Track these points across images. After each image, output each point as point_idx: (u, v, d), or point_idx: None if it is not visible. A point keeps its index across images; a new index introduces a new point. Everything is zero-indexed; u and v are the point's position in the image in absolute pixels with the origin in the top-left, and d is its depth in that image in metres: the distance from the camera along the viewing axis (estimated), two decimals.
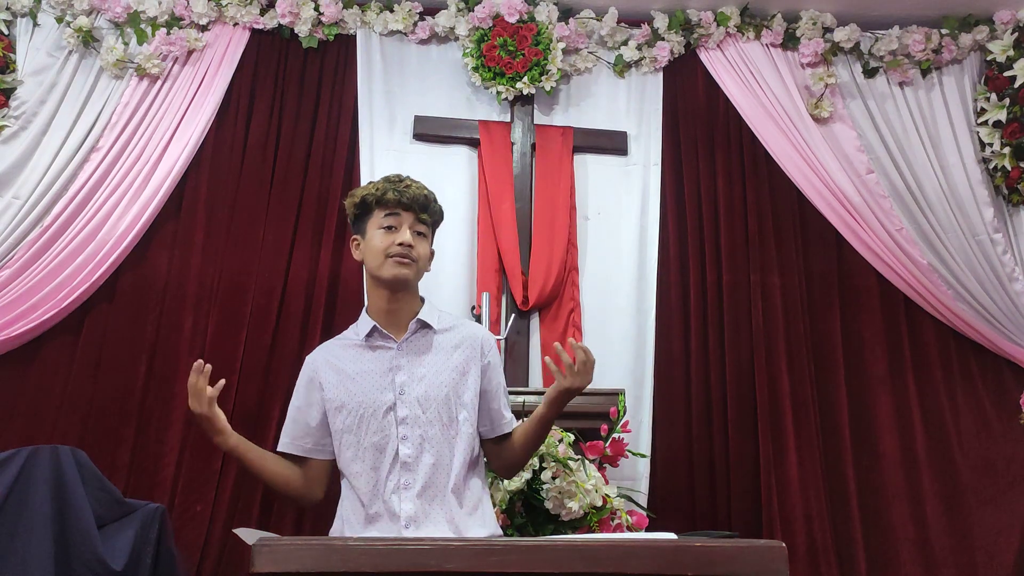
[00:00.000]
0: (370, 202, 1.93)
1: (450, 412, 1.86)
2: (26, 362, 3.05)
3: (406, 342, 1.91)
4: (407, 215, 1.91)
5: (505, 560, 0.93)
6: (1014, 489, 3.24)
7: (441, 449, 1.83)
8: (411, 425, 1.83)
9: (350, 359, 1.93)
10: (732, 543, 0.98)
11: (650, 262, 3.30)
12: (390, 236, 1.89)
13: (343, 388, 1.90)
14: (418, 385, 1.86)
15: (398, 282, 1.90)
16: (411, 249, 1.89)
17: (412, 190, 1.93)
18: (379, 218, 1.91)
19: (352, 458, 1.88)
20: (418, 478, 1.81)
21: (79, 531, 2.25)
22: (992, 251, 3.34)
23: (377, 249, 1.89)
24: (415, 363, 1.89)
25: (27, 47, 3.25)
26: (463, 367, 1.91)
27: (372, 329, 1.92)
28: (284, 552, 0.93)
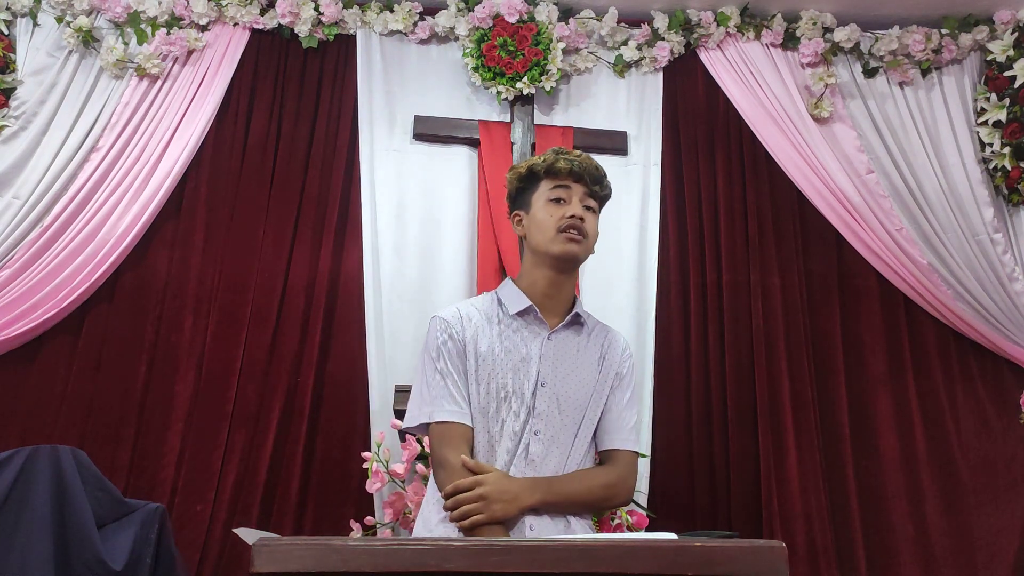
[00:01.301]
0: (539, 171, 1.80)
1: (582, 418, 1.74)
2: (26, 362, 3.06)
3: (556, 332, 1.77)
4: (578, 187, 1.78)
5: (505, 560, 0.93)
6: (1014, 489, 3.24)
7: (564, 455, 1.71)
8: (545, 421, 1.70)
9: (496, 329, 1.76)
10: (732, 543, 0.98)
11: (650, 262, 3.30)
12: (560, 208, 1.76)
13: (490, 360, 1.72)
14: (562, 382, 1.73)
15: (567, 259, 1.76)
16: (582, 222, 1.75)
17: (584, 161, 1.79)
18: (547, 190, 1.78)
19: (484, 441, 1.70)
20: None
21: (79, 531, 2.25)
22: (992, 251, 3.34)
23: (546, 223, 1.75)
24: (563, 357, 1.75)
25: (27, 47, 3.26)
26: (605, 375, 1.79)
27: (528, 308, 1.76)
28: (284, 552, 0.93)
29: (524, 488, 1.62)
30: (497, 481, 1.62)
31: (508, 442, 1.69)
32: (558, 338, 1.77)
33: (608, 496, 1.75)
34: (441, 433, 1.69)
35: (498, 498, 1.59)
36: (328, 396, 3.14)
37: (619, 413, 1.79)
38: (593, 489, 1.71)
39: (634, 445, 1.80)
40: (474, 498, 1.59)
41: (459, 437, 1.68)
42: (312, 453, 3.09)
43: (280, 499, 3.02)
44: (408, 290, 3.21)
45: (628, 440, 1.79)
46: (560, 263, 1.77)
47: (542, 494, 1.63)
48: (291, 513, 3.01)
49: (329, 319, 3.20)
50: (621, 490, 1.76)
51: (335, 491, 3.04)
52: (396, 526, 2.63)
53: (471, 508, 1.59)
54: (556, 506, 1.67)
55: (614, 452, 1.78)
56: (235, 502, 3.00)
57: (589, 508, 1.76)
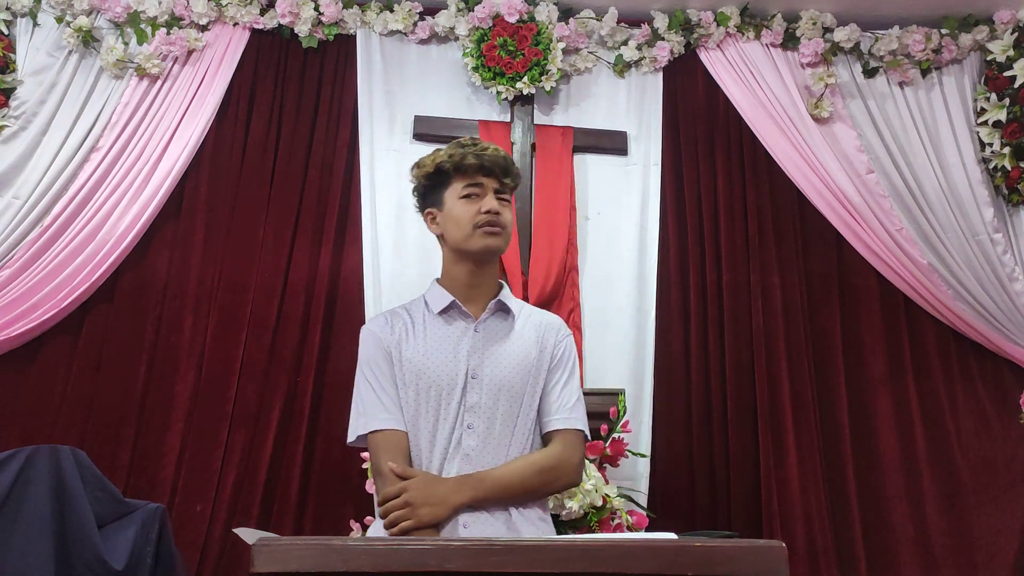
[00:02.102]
0: (447, 169, 1.78)
1: (520, 405, 1.72)
2: (26, 362, 3.06)
3: (483, 323, 1.77)
4: (489, 181, 1.77)
5: (505, 560, 0.93)
6: (1014, 489, 3.24)
7: (503, 445, 1.69)
8: (479, 414, 1.69)
9: (421, 331, 1.76)
10: (732, 543, 0.98)
11: (650, 262, 3.30)
12: (474, 204, 1.75)
13: (415, 362, 1.72)
14: (494, 372, 1.71)
15: (488, 253, 1.77)
16: (498, 216, 1.75)
17: (491, 153, 1.78)
18: (459, 187, 1.77)
19: (420, 443, 1.69)
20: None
21: (79, 531, 2.25)
22: (992, 251, 3.34)
23: (462, 220, 1.75)
24: (493, 347, 1.74)
25: (27, 47, 3.25)
26: (541, 358, 1.77)
27: (451, 304, 1.77)
28: (284, 552, 0.93)
29: (451, 488, 1.61)
30: (422, 485, 1.61)
31: (442, 441, 1.68)
32: (485, 328, 1.77)
33: (547, 480, 1.71)
34: (375, 442, 1.70)
35: (424, 502, 1.59)
36: (328, 396, 3.14)
37: (557, 394, 1.77)
38: (527, 477, 1.68)
39: (575, 423, 1.76)
40: (400, 504, 1.59)
41: (392, 444, 1.68)
42: (312, 453, 3.09)
43: (280, 499, 3.03)
44: (408, 290, 3.20)
45: (568, 420, 1.76)
46: (481, 256, 1.78)
47: (471, 491, 1.62)
48: (291, 513, 3.01)
49: (329, 319, 3.20)
50: (561, 472, 1.73)
51: (335, 491, 3.04)
52: None
53: (398, 515, 1.59)
54: (491, 500, 1.64)
55: (553, 434, 1.75)
56: (235, 502, 3.00)
57: (530, 495, 1.71)
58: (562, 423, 1.75)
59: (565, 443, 1.74)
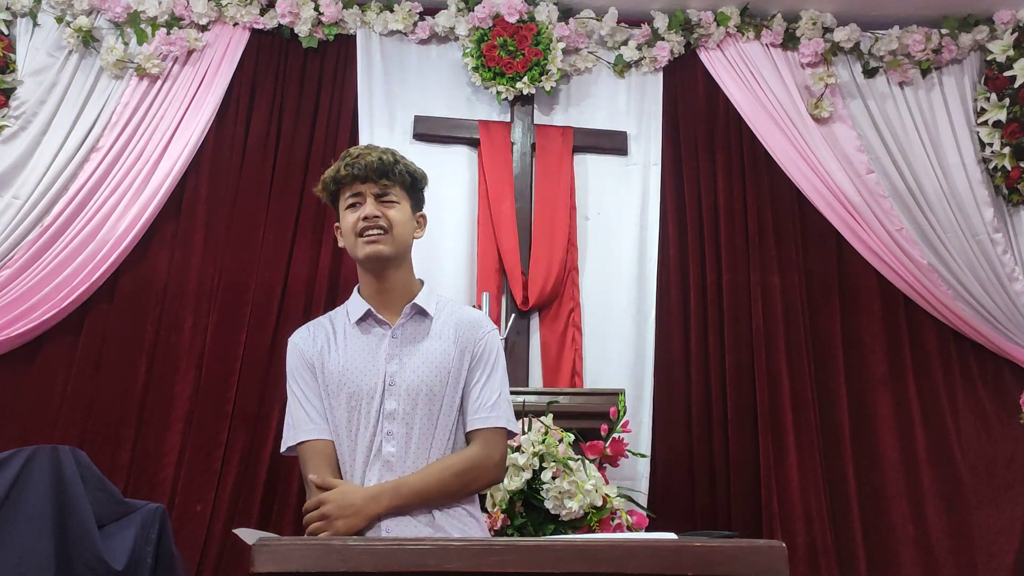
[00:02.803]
0: (330, 185, 1.81)
1: (440, 408, 1.71)
2: (26, 362, 3.06)
3: (400, 328, 1.75)
4: (367, 186, 1.76)
5: (505, 560, 0.93)
6: (1014, 489, 3.24)
7: (423, 450, 1.68)
8: (398, 421, 1.68)
9: (342, 342, 1.78)
10: (732, 543, 0.98)
11: (650, 262, 3.30)
12: (355, 213, 1.77)
13: (337, 372, 1.74)
14: (411, 377, 1.70)
15: (373, 259, 1.74)
16: (377, 219, 1.74)
17: (365, 159, 1.76)
18: (344, 198, 1.80)
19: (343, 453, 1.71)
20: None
21: (79, 531, 2.25)
22: (992, 251, 3.34)
23: (346, 230, 1.78)
24: (408, 352, 1.73)
25: (27, 47, 3.26)
26: (460, 357, 1.74)
27: (366, 313, 1.77)
28: (284, 552, 0.93)
29: (368, 498, 1.62)
30: (339, 496, 1.62)
31: (363, 449, 1.68)
32: (402, 333, 1.76)
33: (466, 482, 1.70)
34: (302, 453, 1.73)
35: (340, 514, 1.60)
36: None
37: (478, 393, 1.74)
38: (445, 479, 1.67)
39: (496, 421, 1.73)
40: (318, 517, 1.61)
41: (318, 454, 1.70)
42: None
43: (280, 499, 3.02)
44: None
45: (487, 418, 1.73)
46: (372, 264, 1.76)
47: (388, 499, 1.62)
48: (291, 513, 3.01)
49: None
50: (480, 471, 1.71)
51: None
52: None
53: (316, 527, 1.60)
54: (409, 507, 1.64)
55: (473, 433, 1.73)
56: (235, 502, 3.00)
57: (450, 498, 1.69)
58: (481, 422, 1.73)
59: (483, 442, 1.72)
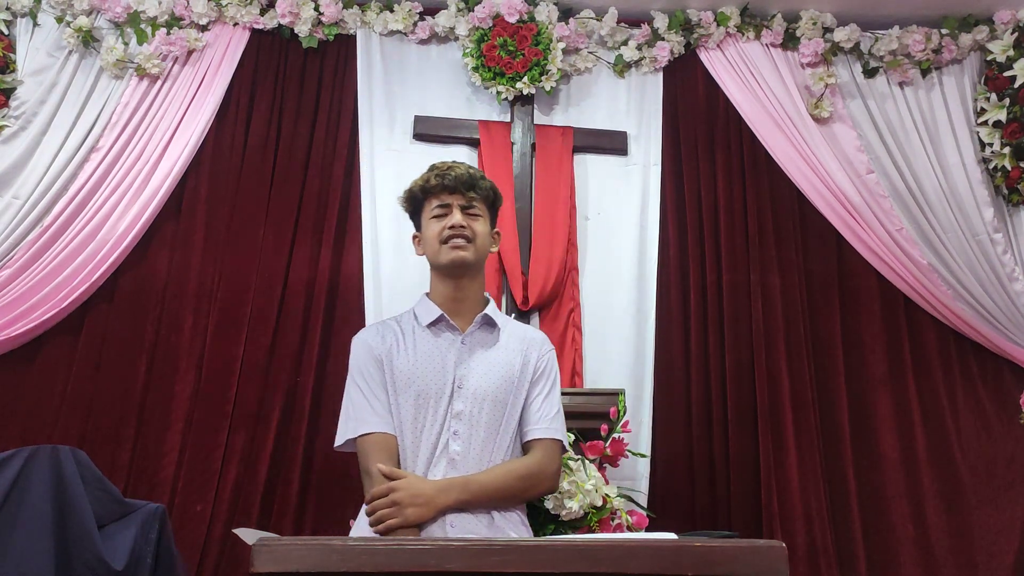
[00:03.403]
0: (418, 195, 1.92)
1: (503, 413, 1.83)
2: (26, 362, 3.06)
3: (469, 335, 1.87)
4: (455, 198, 1.89)
5: (505, 560, 0.93)
6: (1014, 489, 3.24)
7: (487, 451, 1.79)
8: (465, 422, 1.79)
9: (411, 343, 1.87)
10: (732, 543, 0.98)
11: (650, 262, 3.30)
12: (441, 222, 1.88)
13: (406, 371, 1.83)
14: (479, 382, 1.82)
15: (456, 265, 1.87)
16: (464, 229, 1.86)
17: (455, 172, 1.90)
18: (430, 208, 1.91)
19: (407, 448, 1.79)
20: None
21: (79, 531, 2.25)
22: (992, 251, 3.34)
23: (431, 238, 1.88)
24: (478, 358, 1.85)
25: (27, 47, 3.25)
26: (524, 370, 1.88)
27: (439, 317, 1.88)
28: (284, 552, 0.93)
29: (439, 490, 1.70)
30: (410, 486, 1.69)
31: (428, 445, 1.77)
32: (472, 340, 1.88)
33: (527, 487, 1.82)
34: (364, 445, 1.79)
35: (411, 502, 1.67)
36: (328, 396, 3.13)
37: (539, 405, 1.87)
38: (509, 482, 1.78)
39: (554, 434, 1.86)
40: (388, 504, 1.67)
41: (381, 446, 1.77)
42: (312, 453, 3.08)
43: (280, 499, 3.02)
44: (408, 290, 3.19)
45: (548, 429, 1.86)
46: (453, 271, 1.88)
47: (457, 493, 1.71)
48: (291, 513, 3.01)
49: (329, 319, 3.20)
50: (540, 479, 1.83)
51: (335, 491, 3.04)
52: None
53: (385, 513, 1.67)
54: (474, 503, 1.73)
55: (532, 443, 1.85)
56: (235, 502, 3.00)
57: (510, 500, 1.81)
58: (542, 432, 1.85)
59: (544, 452, 1.84)
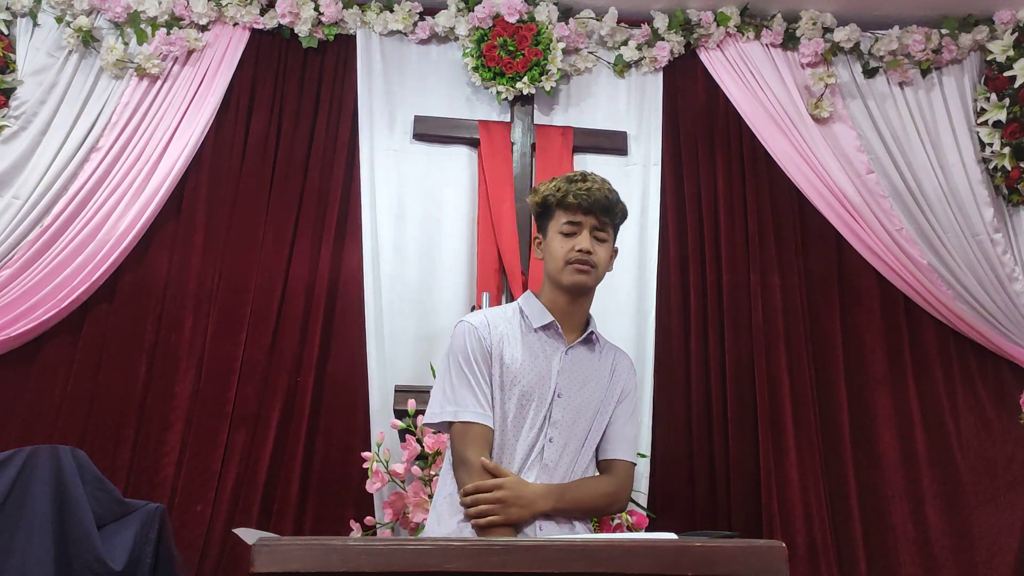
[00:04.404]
0: (551, 204, 1.89)
1: (591, 427, 1.86)
2: (26, 362, 3.06)
3: (573, 349, 1.89)
4: (588, 218, 1.85)
5: (505, 560, 0.93)
6: (1014, 489, 3.24)
7: (575, 461, 1.83)
8: (559, 429, 1.82)
9: (520, 340, 1.87)
10: (732, 543, 0.98)
11: (650, 262, 3.30)
12: (570, 241, 1.85)
13: (514, 369, 1.82)
14: (576, 394, 1.85)
15: (576, 289, 1.87)
16: (590, 255, 1.84)
17: (594, 193, 1.85)
18: (559, 222, 1.87)
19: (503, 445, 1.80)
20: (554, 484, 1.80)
21: (79, 531, 2.26)
22: (992, 251, 3.33)
23: (557, 255, 1.86)
24: (578, 371, 1.87)
25: (27, 47, 3.26)
26: (612, 389, 1.91)
27: (551, 323, 1.88)
28: (284, 552, 0.93)
29: (539, 495, 1.74)
30: (515, 486, 1.72)
31: (525, 447, 1.79)
32: (574, 353, 1.88)
33: (609, 504, 1.87)
34: (464, 432, 1.78)
35: (515, 502, 1.70)
36: (328, 396, 3.14)
37: (622, 426, 1.91)
38: (597, 497, 1.84)
39: (633, 457, 1.91)
40: (493, 500, 1.69)
41: (480, 438, 1.77)
42: (312, 453, 3.09)
43: (280, 499, 3.02)
44: (408, 290, 3.21)
45: (628, 452, 1.91)
46: (571, 291, 1.87)
47: (555, 501, 1.75)
48: (291, 513, 3.01)
49: (329, 319, 3.20)
50: (620, 498, 1.89)
51: (335, 491, 3.04)
52: (396, 526, 2.63)
53: (489, 509, 1.69)
54: (565, 512, 1.78)
55: (614, 462, 1.89)
56: (235, 502, 3.00)
57: (592, 514, 1.89)
58: (624, 454, 1.89)
59: (626, 474, 1.89)
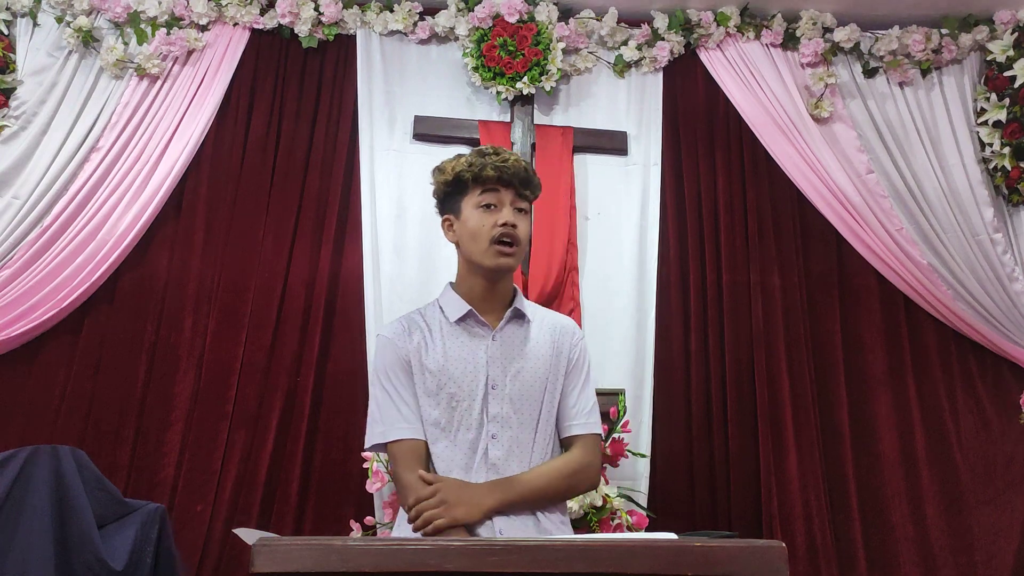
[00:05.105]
0: (465, 179, 1.74)
1: (539, 412, 1.74)
2: (26, 362, 3.06)
3: (500, 332, 1.75)
4: (507, 192, 1.73)
5: (505, 560, 0.93)
6: (1014, 489, 3.24)
7: (528, 452, 1.71)
8: (502, 424, 1.70)
9: (439, 340, 1.75)
10: (732, 543, 0.98)
11: (650, 262, 3.30)
12: (491, 216, 1.72)
13: (436, 372, 1.72)
14: (514, 381, 1.72)
15: (500, 271, 1.74)
16: (515, 229, 1.71)
17: (512, 164, 1.73)
18: (476, 196, 1.74)
19: (442, 454, 1.70)
20: None
21: (79, 531, 2.25)
22: (992, 251, 3.34)
23: (478, 232, 1.72)
24: (511, 355, 1.74)
25: (27, 47, 3.25)
26: (557, 363, 1.77)
27: (468, 313, 1.75)
28: (284, 552, 0.93)
29: (483, 491, 1.64)
30: (455, 486, 1.63)
31: (465, 451, 1.69)
32: (503, 337, 1.76)
33: (572, 484, 1.75)
34: (396, 452, 1.71)
35: (458, 502, 1.61)
36: (328, 396, 3.14)
37: (575, 399, 1.78)
38: (554, 481, 1.71)
39: (593, 428, 1.78)
40: (435, 504, 1.61)
41: (412, 453, 1.69)
42: (312, 453, 3.09)
43: (280, 499, 3.03)
44: (408, 290, 3.21)
45: (586, 424, 1.78)
46: (494, 275, 1.75)
47: (502, 494, 1.64)
48: (291, 513, 3.01)
49: (329, 319, 3.20)
50: (585, 476, 1.76)
51: (335, 491, 3.04)
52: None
53: (432, 513, 1.60)
54: (520, 504, 1.67)
55: (573, 438, 1.77)
56: (235, 502, 3.00)
57: (556, 500, 1.75)
58: (581, 428, 1.77)
59: (585, 447, 1.76)
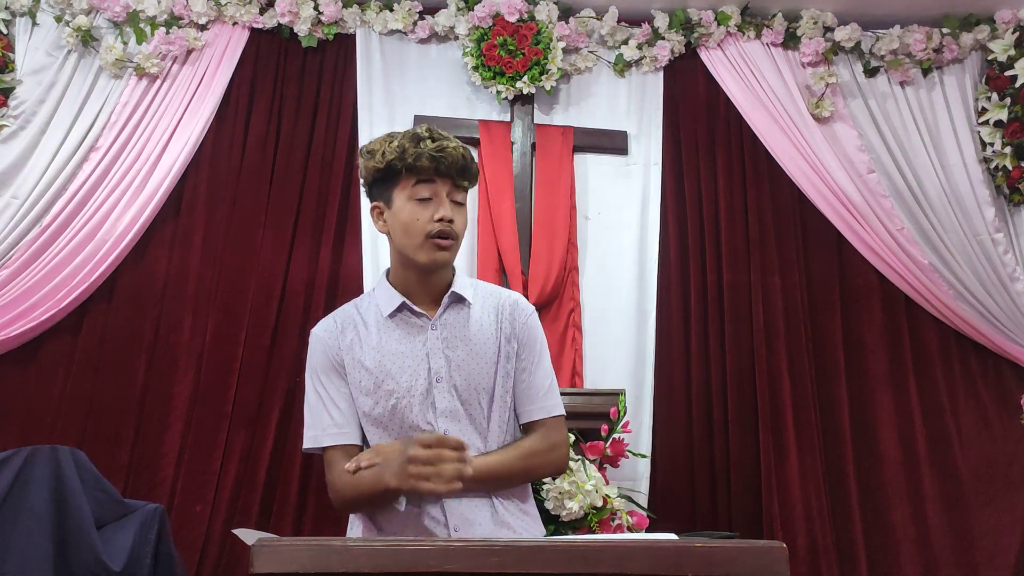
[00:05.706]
0: (397, 168, 1.61)
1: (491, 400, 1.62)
2: (26, 362, 3.06)
3: (439, 320, 1.64)
4: (443, 183, 1.61)
5: (505, 560, 0.93)
6: (1015, 489, 3.24)
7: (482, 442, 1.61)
8: (451, 418, 1.59)
9: (375, 336, 1.63)
10: (732, 543, 0.98)
11: (650, 262, 3.30)
12: (426, 210, 1.59)
13: (372, 371, 1.61)
14: (460, 370, 1.60)
15: (436, 266, 1.63)
16: (452, 225, 1.60)
17: (449, 152, 1.60)
18: (409, 187, 1.61)
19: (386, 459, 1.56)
20: None
21: (78, 531, 2.25)
22: (993, 251, 3.33)
23: (413, 227, 1.60)
24: (454, 342, 1.62)
25: (26, 46, 3.25)
26: (507, 344, 1.65)
27: (401, 305, 1.64)
28: (284, 552, 0.92)
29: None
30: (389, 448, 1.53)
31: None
32: (443, 324, 1.64)
33: (533, 465, 1.63)
34: (328, 459, 1.63)
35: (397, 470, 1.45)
36: None
37: (529, 381, 1.66)
38: (508, 461, 1.60)
39: (552, 410, 1.66)
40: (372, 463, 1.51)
41: (345, 460, 1.60)
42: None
43: (280, 499, 3.02)
44: None
45: (543, 408, 1.65)
46: (429, 269, 1.64)
47: None
48: (291, 513, 3.01)
49: None
50: (549, 457, 1.65)
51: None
52: None
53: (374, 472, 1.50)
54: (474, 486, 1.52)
55: (531, 424, 1.65)
56: (235, 502, 3.00)
57: (512, 481, 1.63)
58: (539, 412, 1.65)
59: (545, 433, 1.65)
